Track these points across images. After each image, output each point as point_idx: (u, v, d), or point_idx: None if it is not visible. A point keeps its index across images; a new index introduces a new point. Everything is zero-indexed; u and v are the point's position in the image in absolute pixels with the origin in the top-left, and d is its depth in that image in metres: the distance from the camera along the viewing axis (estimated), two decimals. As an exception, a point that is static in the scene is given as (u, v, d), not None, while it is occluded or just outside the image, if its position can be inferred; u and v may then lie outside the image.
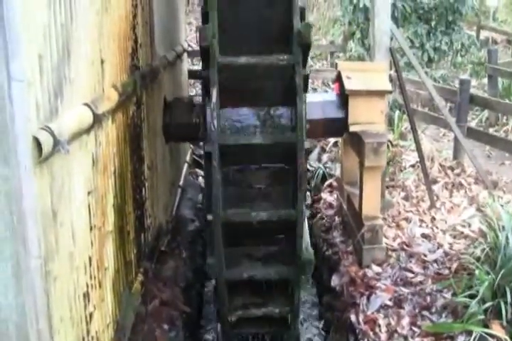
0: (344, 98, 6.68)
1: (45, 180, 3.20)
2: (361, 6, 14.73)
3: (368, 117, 6.62)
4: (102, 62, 4.51)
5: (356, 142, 6.79)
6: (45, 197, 3.20)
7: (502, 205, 7.41)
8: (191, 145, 11.14)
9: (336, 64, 7.36)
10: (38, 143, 3.00)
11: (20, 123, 2.84)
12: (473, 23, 21.37)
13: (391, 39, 7.58)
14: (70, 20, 3.72)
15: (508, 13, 25.76)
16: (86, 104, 3.93)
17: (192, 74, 12.04)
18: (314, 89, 13.83)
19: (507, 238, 5.91)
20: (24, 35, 2.90)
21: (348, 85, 6.61)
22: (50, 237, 3.26)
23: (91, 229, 4.12)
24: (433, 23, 15.73)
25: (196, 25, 6.11)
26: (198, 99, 6.97)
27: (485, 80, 14.26)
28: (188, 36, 16.33)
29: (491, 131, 11.81)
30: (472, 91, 10.69)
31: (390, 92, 7.17)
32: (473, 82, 14.06)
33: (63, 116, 3.45)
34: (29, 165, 2.93)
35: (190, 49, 11.78)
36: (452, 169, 9.28)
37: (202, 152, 7.54)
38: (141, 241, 5.99)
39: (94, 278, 4.19)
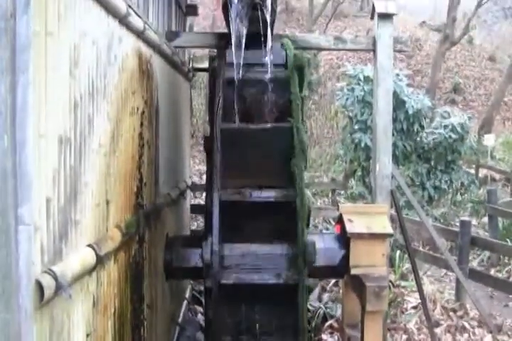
0: (345, 240, 6.70)
1: (45, 324, 3.16)
2: (362, 145, 14.99)
3: (369, 260, 6.59)
4: (107, 202, 4.56)
5: (357, 285, 6.72)
6: (44, 341, 3.16)
7: (507, 351, 7.28)
8: (191, 281, 11.04)
9: (338, 205, 7.43)
10: (40, 287, 2.99)
11: (24, 267, 2.84)
12: (472, 162, 21.75)
13: (391, 176, 7.70)
14: (79, 163, 3.80)
15: (505, 152, 26.34)
16: (90, 246, 3.95)
17: (194, 209, 12.13)
18: (315, 226, 13.86)
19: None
20: (35, 180, 2.95)
21: (350, 228, 6.63)
22: (45, 384, 3.18)
23: (87, 373, 4.03)
24: (433, 162, 16.04)
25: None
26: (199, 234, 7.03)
27: (485, 219, 14.34)
28: (192, 169, 16.59)
29: (492, 271, 11.77)
30: (473, 230, 10.73)
31: (392, 236, 7.19)
32: (474, 221, 14.14)
33: (67, 259, 3.46)
34: (30, 310, 2.90)
35: (192, 182, 11.94)
36: (455, 311, 9.16)
37: (202, 288, 7.48)
38: (136, 384, 5.82)
39: None
